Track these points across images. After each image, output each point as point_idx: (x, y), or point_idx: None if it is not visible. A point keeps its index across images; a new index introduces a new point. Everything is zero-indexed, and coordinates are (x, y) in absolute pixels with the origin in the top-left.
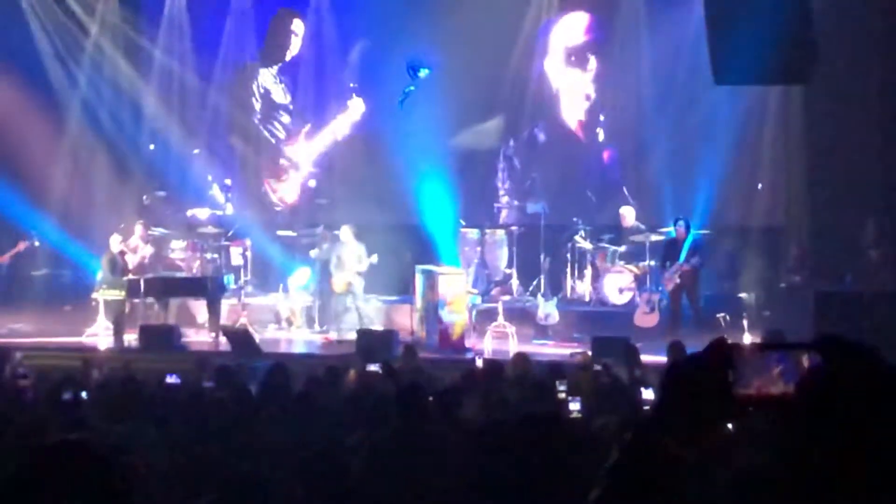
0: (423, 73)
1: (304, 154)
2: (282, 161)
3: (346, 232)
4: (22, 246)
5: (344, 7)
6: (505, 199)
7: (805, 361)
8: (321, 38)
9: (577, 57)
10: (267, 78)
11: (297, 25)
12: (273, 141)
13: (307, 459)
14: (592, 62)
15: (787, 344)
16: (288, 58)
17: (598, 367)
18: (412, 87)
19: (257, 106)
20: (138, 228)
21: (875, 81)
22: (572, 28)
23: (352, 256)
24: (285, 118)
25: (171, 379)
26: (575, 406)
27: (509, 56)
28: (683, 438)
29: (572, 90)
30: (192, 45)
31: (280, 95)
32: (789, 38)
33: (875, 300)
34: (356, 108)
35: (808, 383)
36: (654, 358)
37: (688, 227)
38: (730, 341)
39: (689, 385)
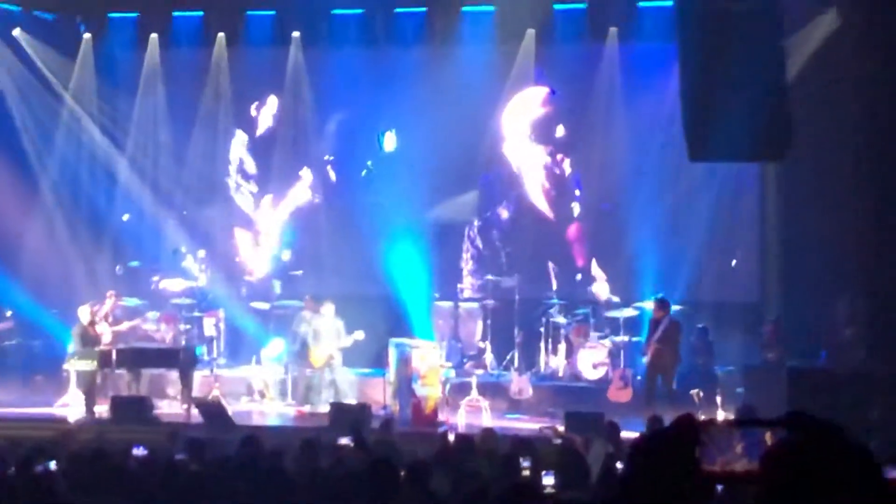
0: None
1: (269, 224)
2: (255, 231)
3: (327, 308)
4: (4, 326)
5: (319, 80)
6: (468, 281)
7: (769, 438)
8: (294, 112)
9: (542, 130)
10: (240, 147)
11: (272, 102)
12: (246, 211)
13: None
14: (560, 131)
15: (756, 420)
16: (259, 132)
17: (557, 442)
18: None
19: (233, 174)
20: (110, 299)
21: (850, 159)
22: (530, 103)
23: (330, 331)
24: (254, 188)
25: (139, 451)
26: (549, 480)
27: (485, 129)
28: None
29: (540, 166)
30: (169, 114)
31: (251, 165)
32: (765, 115)
33: (849, 379)
34: (305, 177)
35: (772, 459)
36: (629, 433)
37: (663, 305)
38: (699, 417)
39: (656, 460)
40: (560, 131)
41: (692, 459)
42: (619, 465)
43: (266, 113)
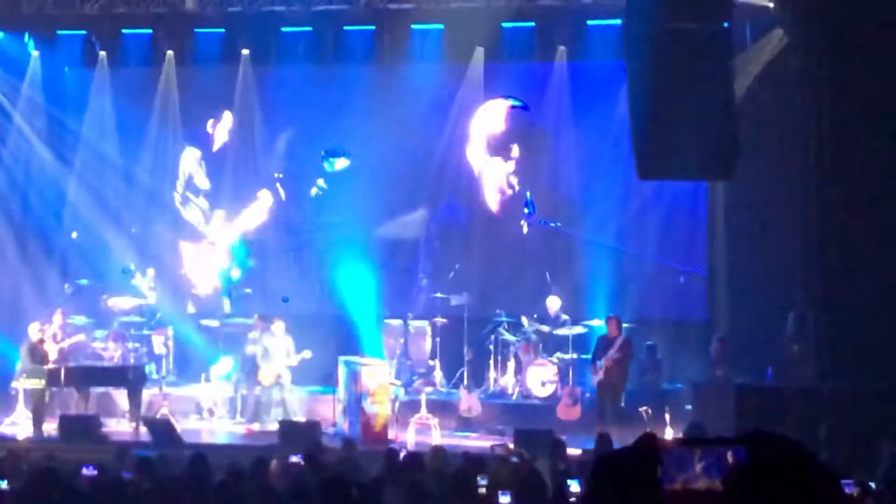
0: (337, 162)
1: (221, 240)
2: (202, 246)
3: (277, 326)
4: None
5: (269, 97)
6: (424, 282)
7: (729, 457)
8: (245, 127)
9: (498, 145)
10: (191, 162)
11: (227, 119)
12: (194, 225)
13: None
14: (515, 150)
15: (718, 440)
16: (215, 148)
17: (514, 460)
18: (320, 188)
19: (180, 189)
20: (57, 317)
21: (796, 177)
22: (492, 116)
23: (280, 350)
24: (204, 203)
25: (88, 471)
26: (505, 500)
27: (434, 147)
28: None
29: (494, 178)
30: (118, 131)
31: (202, 180)
32: (713, 134)
33: (795, 395)
34: (265, 200)
35: (736, 478)
36: (577, 451)
37: (620, 324)
38: (660, 436)
39: (617, 479)
40: (515, 151)
41: (653, 479)
42: (569, 482)
43: (221, 128)
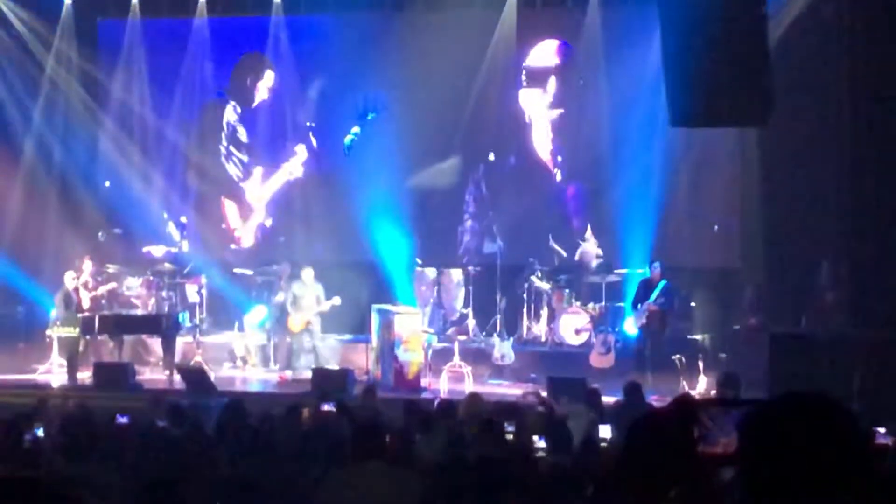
0: (369, 116)
1: (258, 195)
2: (246, 200)
3: (306, 273)
4: None
5: (301, 46)
6: (469, 224)
7: None
8: (278, 78)
9: (537, 77)
10: (231, 115)
11: (269, 77)
12: (235, 179)
13: (263, 498)
14: (552, 83)
15: (752, 401)
16: (254, 104)
17: (540, 409)
18: (354, 135)
19: (224, 142)
20: (87, 265)
21: (831, 124)
22: (538, 52)
23: (310, 297)
24: (245, 157)
25: (122, 419)
26: (541, 444)
27: (467, 94)
28: (646, 495)
29: (540, 119)
30: (150, 82)
31: (243, 134)
32: (746, 81)
33: (830, 343)
34: (301, 153)
35: (750, 434)
36: (609, 398)
37: (663, 270)
38: (694, 395)
39: (653, 441)
40: (552, 84)
41: (690, 441)
42: (599, 427)
43: (262, 86)
